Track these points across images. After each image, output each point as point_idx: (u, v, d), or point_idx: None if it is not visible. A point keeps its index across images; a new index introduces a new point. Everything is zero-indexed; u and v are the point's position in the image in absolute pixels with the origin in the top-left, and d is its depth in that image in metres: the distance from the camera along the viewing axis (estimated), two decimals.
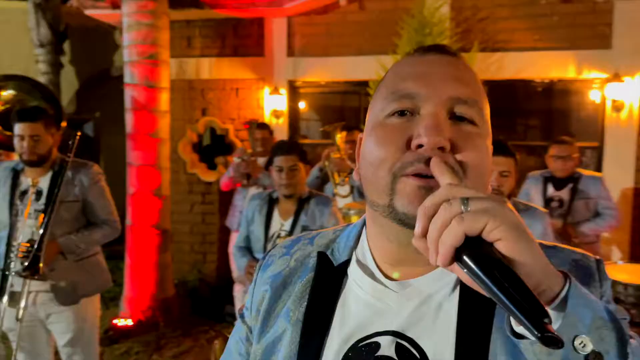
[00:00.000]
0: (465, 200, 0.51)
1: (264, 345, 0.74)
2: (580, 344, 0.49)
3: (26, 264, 2.29)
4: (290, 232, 2.52)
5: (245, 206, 2.99)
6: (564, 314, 0.50)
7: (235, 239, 4.25)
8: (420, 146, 0.62)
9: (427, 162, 0.60)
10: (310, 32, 5.12)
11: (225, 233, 5.35)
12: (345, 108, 5.53)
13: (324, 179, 3.87)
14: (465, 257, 0.49)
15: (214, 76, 5.28)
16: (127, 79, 4.33)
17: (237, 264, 2.85)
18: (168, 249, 4.60)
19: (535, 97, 4.88)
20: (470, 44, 4.51)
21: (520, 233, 0.50)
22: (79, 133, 2.47)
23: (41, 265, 2.29)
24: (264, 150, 4.16)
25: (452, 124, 0.64)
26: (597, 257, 0.69)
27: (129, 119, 4.34)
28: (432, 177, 0.60)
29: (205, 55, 5.30)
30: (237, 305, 4.34)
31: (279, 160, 2.52)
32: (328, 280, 0.73)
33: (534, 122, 4.97)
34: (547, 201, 3.48)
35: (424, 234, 0.53)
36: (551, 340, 0.45)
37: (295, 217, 2.53)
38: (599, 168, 4.48)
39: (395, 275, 0.69)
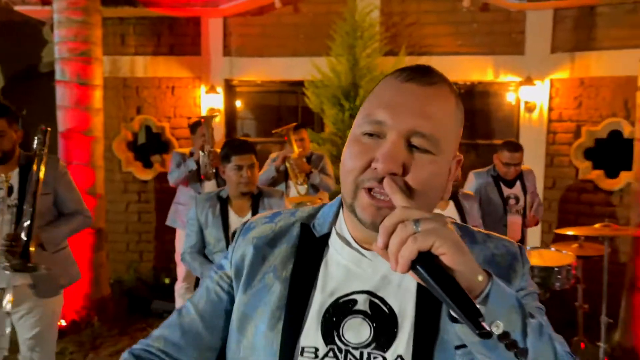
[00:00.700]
0: (417, 222, 0.65)
1: (250, 295, 0.87)
2: (495, 327, 0.65)
3: (12, 257, 2.29)
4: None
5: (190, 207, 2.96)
6: (485, 307, 0.65)
7: (182, 238, 4.29)
8: (375, 168, 0.77)
9: (381, 180, 0.75)
10: (246, 33, 5.22)
11: (162, 232, 5.36)
12: (282, 107, 5.66)
13: (277, 180, 4.00)
14: (418, 267, 0.65)
15: (149, 74, 5.27)
16: (58, 75, 4.25)
17: (192, 265, 2.80)
18: (103, 248, 4.56)
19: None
20: (398, 48, 4.78)
21: (459, 248, 0.65)
22: (49, 128, 2.49)
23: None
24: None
25: (408, 151, 0.77)
26: (519, 244, 0.89)
27: (61, 116, 4.27)
28: (382, 197, 0.75)
29: (140, 53, 5.28)
30: (178, 302, 4.38)
31: (237, 159, 2.58)
32: (311, 247, 0.87)
33: None
34: (506, 199, 3.81)
35: (385, 247, 0.67)
36: (485, 335, 0.63)
37: (253, 213, 2.62)
38: None
39: (368, 245, 0.84)
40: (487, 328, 0.63)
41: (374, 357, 0.79)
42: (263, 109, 5.69)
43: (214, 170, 4.07)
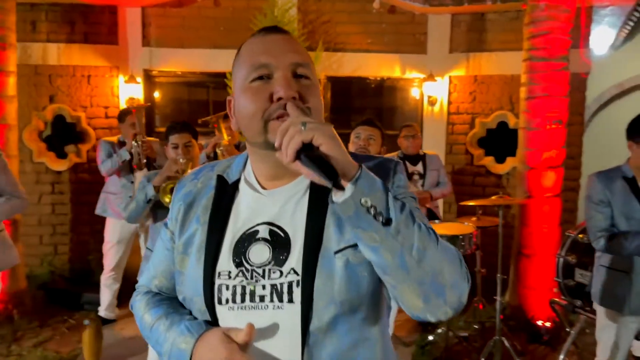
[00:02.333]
0: (304, 123, 0.82)
1: (183, 241, 1.06)
2: (364, 201, 0.82)
3: None
4: None
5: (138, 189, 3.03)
6: (355, 187, 0.82)
7: (112, 227, 4.27)
8: (279, 99, 0.93)
9: (284, 107, 0.92)
10: (166, 24, 5.27)
11: (79, 224, 5.25)
12: (203, 97, 5.75)
13: None
14: (302, 156, 0.82)
15: (63, 62, 5.13)
16: None
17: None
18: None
19: (369, 92, 5.68)
20: (315, 44, 5.10)
21: (334, 139, 0.83)
22: None
23: None
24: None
25: (296, 81, 0.96)
26: (397, 160, 1.12)
27: None
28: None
29: (52, 40, 5.12)
30: (105, 293, 4.35)
31: (174, 138, 2.74)
32: (224, 193, 1.07)
33: (369, 113, 5.73)
34: (410, 175, 4.26)
35: (280, 146, 0.84)
36: (337, 185, 0.81)
37: None
38: None
39: (268, 186, 1.04)
40: (357, 186, 0.82)
41: (273, 272, 0.97)
42: (184, 99, 5.75)
43: (145, 161, 4.12)
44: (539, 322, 4.14)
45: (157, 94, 5.53)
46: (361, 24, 5.39)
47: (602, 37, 6.43)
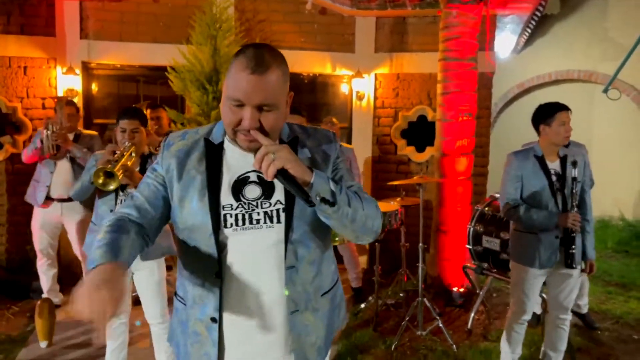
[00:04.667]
0: (274, 153, 1.22)
1: (182, 184, 1.40)
2: (317, 196, 1.24)
3: None
4: None
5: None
6: (312, 189, 1.23)
7: (35, 214, 4.37)
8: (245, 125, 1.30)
9: (249, 130, 1.30)
10: (105, 18, 5.38)
11: (16, 214, 5.26)
12: (143, 90, 5.88)
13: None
14: (278, 175, 1.23)
15: None
16: None
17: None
18: None
19: (303, 87, 6.08)
20: (252, 41, 5.43)
21: (296, 162, 1.23)
22: None
23: None
24: (70, 125, 4.39)
25: (259, 112, 1.30)
26: (333, 132, 1.57)
27: None
28: (250, 137, 1.31)
29: None
30: (43, 279, 4.45)
31: (123, 123, 2.99)
32: (214, 151, 1.42)
33: (303, 107, 6.10)
34: None
35: (259, 168, 1.24)
36: (312, 204, 1.24)
37: (140, 171, 3.01)
38: (349, 143, 5.89)
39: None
40: (313, 201, 1.24)
41: (264, 203, 1.38)
42: (123, 92, 5.86)
43: (55, 150, 4.18)
44: (455, 289, 4.75)
45: (98, 85, 5.62)
46: (295, 23, 5.78)
47: (506, 42, 7.28)
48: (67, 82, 5.27)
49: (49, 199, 4.30)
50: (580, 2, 8.00)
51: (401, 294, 4.63)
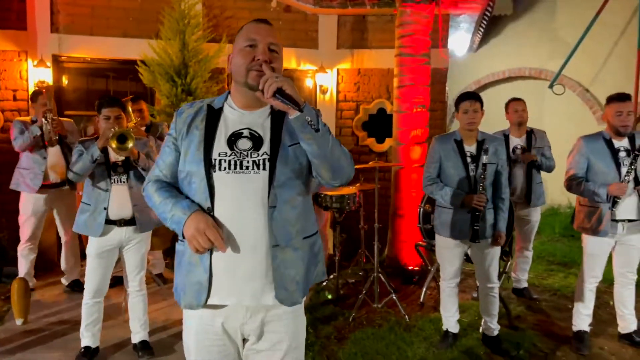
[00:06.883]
0: (277, 76, 1.49)
1: (187, 140, 1.68)
2: (307, 119, 1.49)
3: None
4: (125, 161, 3.31)
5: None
6: (304, 110, 1.49)
7: (26, 201, 4.54)
8: (258, 59, 1.61)
9: (260, 66, 1.58)
10: (75, 12, 5.55)
11: None
12: (113, 83, 6.06)
13: None
14: (276, 94, 1.48)
15: None
16: None
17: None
18: None
19: None
20: (219, 36, 5.69)
21: (291, 85, 1.48)
22: None
23: None
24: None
25: (269, 52, 1.63)
26: (317, 109, 1.85)
27: None
28: (262, 72, 1.66)
29: None
30: (21, 262, 4.62)
31: (106, 111, 3.22)
32: (214, 113, 1.72)
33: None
34: None
35: (262, 89, 1.50)
36: (300, 109, 1.48)
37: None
38: None
39: (244, 109, 1.76)
40: (304, 111, 1.47)
41: (253, 154, 1.63)
42: (93, 84, 6.02)
43: (57, 137, 4.48)
44: (410, 267, 5.12)
45: (68, 78, 5.78)
46: None
47: (462, 41, 7.71)
48: (38, 74, 5.42)
49: (43, 186, 4.52)
50: (531, 3, 8.52)
51: (360, 273, 4.96)
